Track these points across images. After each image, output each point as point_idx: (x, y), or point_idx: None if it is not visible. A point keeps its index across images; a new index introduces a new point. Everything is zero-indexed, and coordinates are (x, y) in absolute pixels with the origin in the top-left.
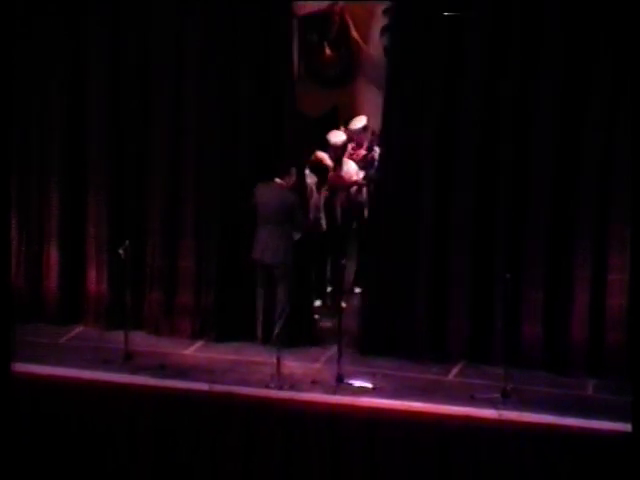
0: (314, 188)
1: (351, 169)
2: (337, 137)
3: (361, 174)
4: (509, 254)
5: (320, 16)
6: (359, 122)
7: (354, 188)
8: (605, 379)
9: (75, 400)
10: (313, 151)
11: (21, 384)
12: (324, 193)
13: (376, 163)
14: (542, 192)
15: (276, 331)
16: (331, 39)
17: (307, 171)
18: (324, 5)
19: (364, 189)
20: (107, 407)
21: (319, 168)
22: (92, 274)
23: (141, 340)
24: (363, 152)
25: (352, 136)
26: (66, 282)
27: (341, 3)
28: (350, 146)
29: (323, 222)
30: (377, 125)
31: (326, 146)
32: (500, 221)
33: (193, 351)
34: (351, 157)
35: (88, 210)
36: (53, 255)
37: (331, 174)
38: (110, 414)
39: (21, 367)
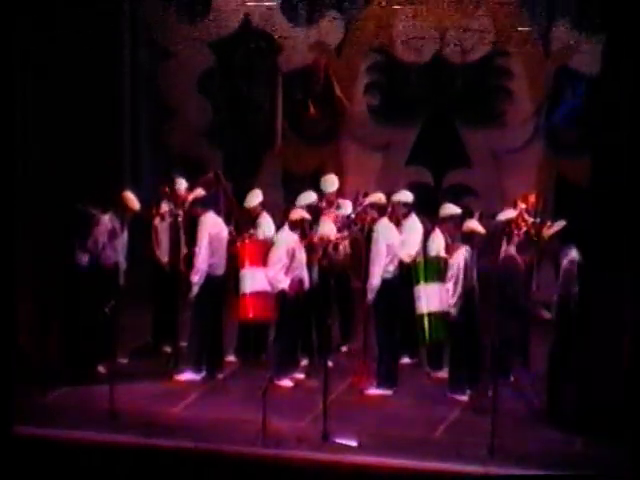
0: (295, 246)
1: (327, 228)
2: (307, 199)
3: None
4: None
5: (304, 73)
6: (334, 184)
7: (331, 246)
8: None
9: (61, 460)
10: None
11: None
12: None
13: (360, 223)
14: None
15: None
16: (315, 96)
17: (287, 229)
18: (308, 60)
19: (341, 247)
20: (92, 466)
21: (301, 226)
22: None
23: (127, 396)
24: (334, 212)
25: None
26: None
27: (324, 59)
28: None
29: (306, 281)
30: (362, 184)
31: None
32: None
33: (180, 409)
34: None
35: None
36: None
37: (310, 234)
38: (95, 473)
39: None
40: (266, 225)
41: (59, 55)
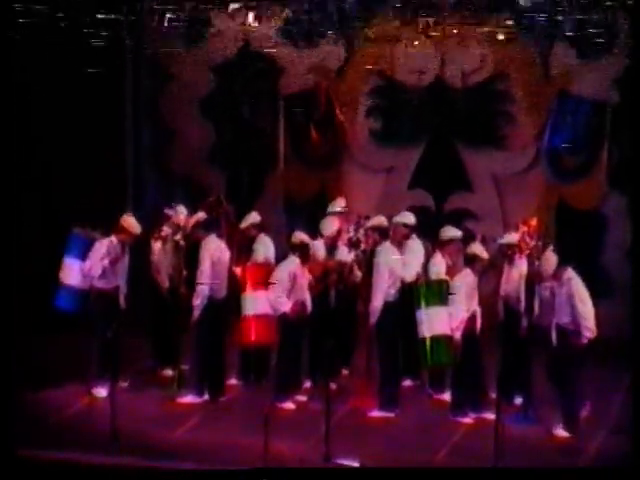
0: (296, 269)
1: (344, 254)
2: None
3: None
4: None
5: (305, 96)
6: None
7: (346, 270)
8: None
9: None
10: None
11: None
12: (308, 274)
13: (362, 245)
14: None
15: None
16: (317, 120)
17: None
18: (309, 84)
19: (356, 270)
20: None
21: (301, 249)
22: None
23: (128, 419)
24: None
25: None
26: None
27: (325, 82)
28: None
29: (308, 304)
30: (364, 208)
31: (312, 229)
32: None
33: (182, 432)
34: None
35: None
36: None
37: (323, 261)
38: None
39: None
40: (263, 247)
41: (62, 77)
